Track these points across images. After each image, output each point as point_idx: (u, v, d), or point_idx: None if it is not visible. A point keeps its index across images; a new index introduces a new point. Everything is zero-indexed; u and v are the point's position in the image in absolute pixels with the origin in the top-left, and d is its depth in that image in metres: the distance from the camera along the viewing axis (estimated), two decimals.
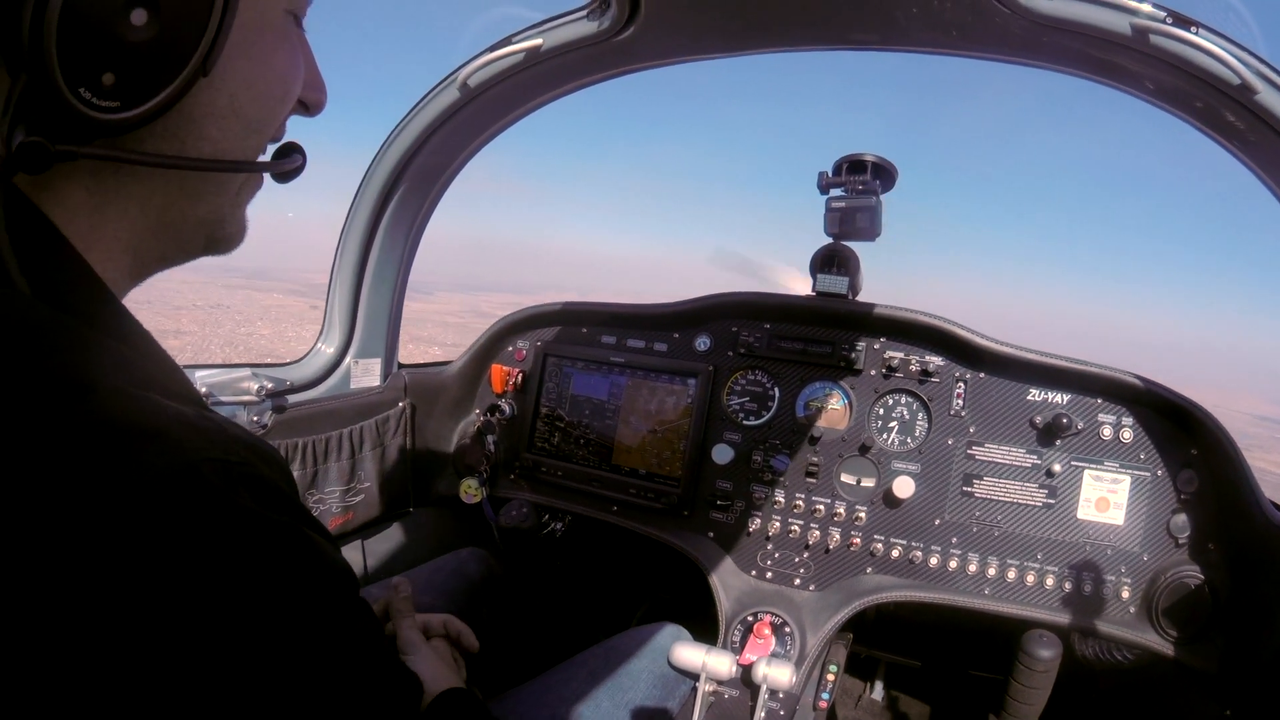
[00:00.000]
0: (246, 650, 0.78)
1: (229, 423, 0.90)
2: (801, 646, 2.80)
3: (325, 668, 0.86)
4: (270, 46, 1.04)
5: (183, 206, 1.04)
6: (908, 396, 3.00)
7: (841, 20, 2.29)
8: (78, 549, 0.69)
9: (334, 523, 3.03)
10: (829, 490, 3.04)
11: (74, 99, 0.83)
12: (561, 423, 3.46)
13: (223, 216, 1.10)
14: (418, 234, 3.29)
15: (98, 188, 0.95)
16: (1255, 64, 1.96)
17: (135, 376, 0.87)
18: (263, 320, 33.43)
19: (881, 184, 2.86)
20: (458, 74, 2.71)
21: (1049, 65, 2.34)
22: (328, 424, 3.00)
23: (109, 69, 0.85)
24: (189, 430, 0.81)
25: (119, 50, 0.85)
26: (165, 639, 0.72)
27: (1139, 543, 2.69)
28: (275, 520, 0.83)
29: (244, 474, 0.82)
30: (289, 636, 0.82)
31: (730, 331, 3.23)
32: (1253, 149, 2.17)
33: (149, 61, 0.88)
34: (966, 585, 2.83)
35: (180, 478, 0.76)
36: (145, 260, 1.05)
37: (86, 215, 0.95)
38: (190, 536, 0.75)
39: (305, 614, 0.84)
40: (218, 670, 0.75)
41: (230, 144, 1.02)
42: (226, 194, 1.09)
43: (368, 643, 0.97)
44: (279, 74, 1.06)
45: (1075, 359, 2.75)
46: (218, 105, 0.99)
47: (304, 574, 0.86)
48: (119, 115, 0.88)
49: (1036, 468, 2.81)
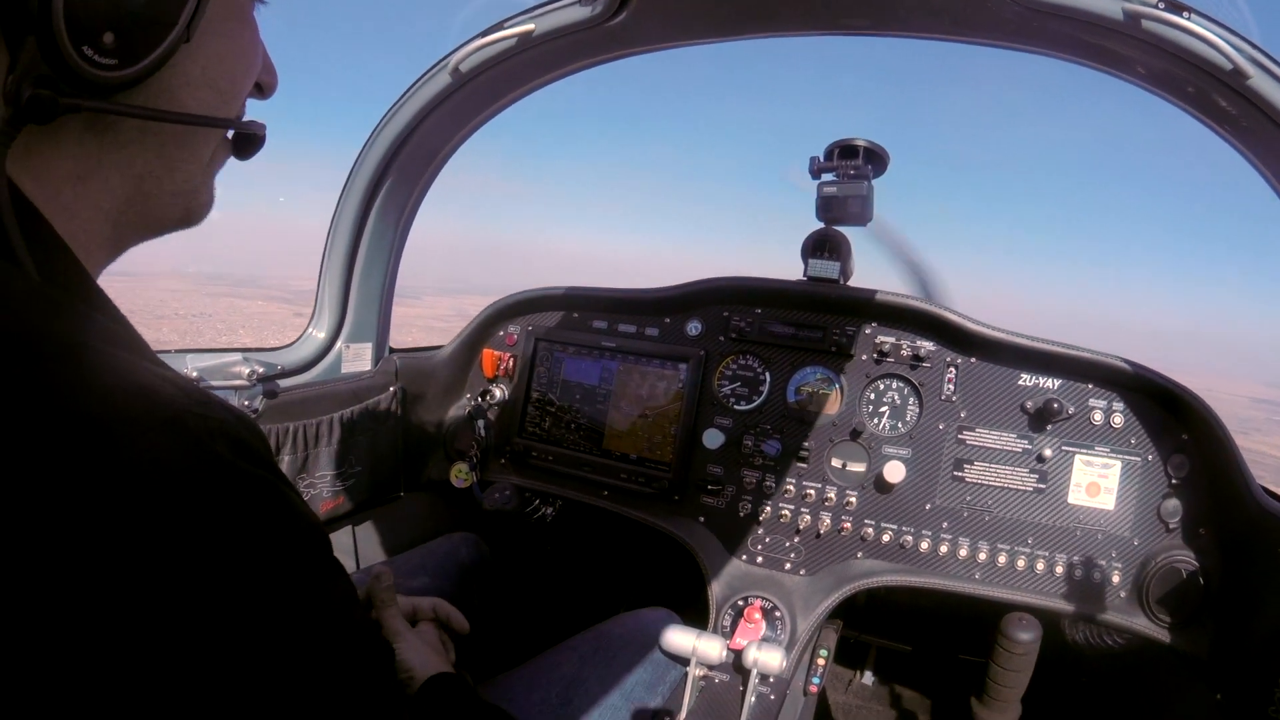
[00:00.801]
0: (220, 598, 0.79)
1: (208, 389, 0.93)
2: (792, 631, 2.80)
3: (296, 620, 0.88)
4: (237, 24, 1.12)
5: (160, 175, 1.09)
6: (899, 381, 3.00)
7: (833, 5, 2.29)
8: (64, 498, 0.72)
9: (325, 507, 3.03)
10: (820, 475, 3.04)
11: (78, 56, 0.89)
12: (553, 407, 3.46)
13: (195, 186, 1.16)
14: (409, 219, 3.28)
15: (83, 156, 1.01)
16: (1247, 49, 1.96)
17: (117, 341, 0.91)
18: (244, 328, 33.36)
19: (873, 169, 2.86)
20: (449, 59, 2.70)
21: (1041, 50, 2.34)
22: (319, 408, 3.00)
23: (109, 29, 0.92)
24: (173, 388, 0.84)
25: (118, 12, 0.92)
26: (142, 583, 0.74)
27: (1130, 528, 2.70)
28: (253, 474, 0.86)
29: (224, 430, 0.85)
30: (262, 586, 0.84)
31: (721, 316, 3.23)
32: (1244, 134, 2.17)
33: (143, 23, 0.95)
34: (957, 570, 2.84)
35: (166, 427, 0.79)
36: (123, 230, 1.11)
37: (71, 184, 1.00)
38: (173, 484, 0.77)
39: (278, 565, 0.87)
40: (191, 616, 0.77)
41: (203, 112, 1.09)
42: (199, 162, 1.14)
43: (338, 600, 0.98)
44: (244, 49, 1.14)
45: (1066, 344, 2.75)
46: (192, 75, 1.05)
47: (279, 526, 0.88)
48: (116, 73, 0.95)
49: (1027, 453, 2.81)
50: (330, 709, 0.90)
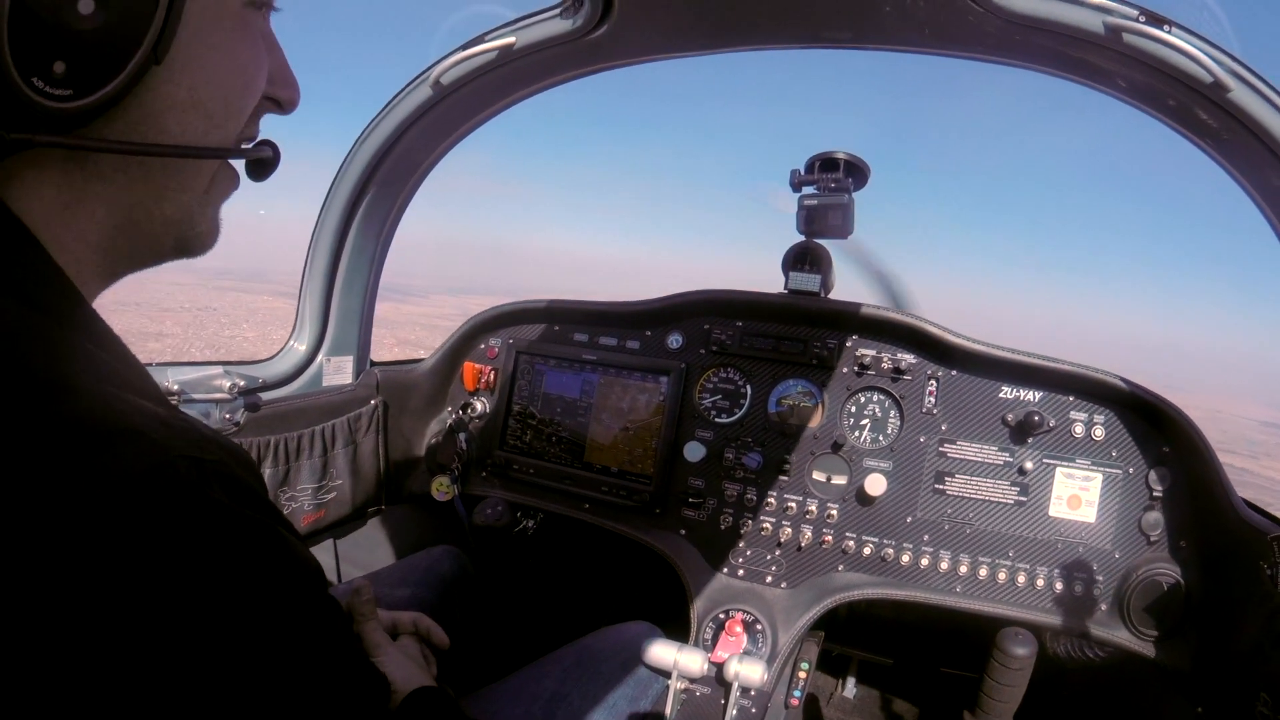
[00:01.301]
0: (216, 643, 0.78)
1: (200, 423, 0.91)
2: (773, 644, 2.80)
3: (293, 664, 0.87)
4: (229, 36, 1.03)
5: (149, 206, 1.03)
6: (880, 394, 3.00)
7: (814, 18, 2.29)
8: (55, 547, 0.70)
9: (306, 520, 3.01)
10: (801, 488, 3.04)
11: (26, 88, 0.83)
12: (534, 420, 3.45)
13: (191, 216, 1.09)
14: (390, 232, 3.27)
15: (66, 185, 0.96)
16: (1228, 62, 1.97)
17: (108, 376, 0.87)
18: (248, 323, 33.18)
19: (854, 182, 2.87)
20: (430, 72, 2.69)
21: (1023, 64, 2.35)
22: (300, 421, 2.98)
23: (59, 57, 0.85)
24: (163, 429, 0.81)
25: (68, 39, 0.85)
26: (138, 632, 0.73)
27: (1111, 540, 2.70)
28: (248, 516, 0.84)
29: (218, 471, 0.83)
30: (258, 631, 0.83)
31: (702, 329, 3.22)
32: (1225, 147, 2.18)
33: (98, 50, 0.88)
34: (938, 583, 2.84)
35: (156, 474, 0.76)
36: (114, 261, 1.05)
37: (57, 214, 0.95)
38: (165, 531, 0.75)
39: (274, 609, 0.85)
40: (188, 663, 0.76)
41: (192, 138, 1.01)
42: (193, 191, 1.08)
43: (335, 641, 0.97)
44: (239, 64, 1.05)
45: (1048, 356, 2.75)
46: (177, 97, 0.98)
47: (274, 570, 0.86)
48: (72, 104, 0.88)
49: (1008, 465, 2.81)
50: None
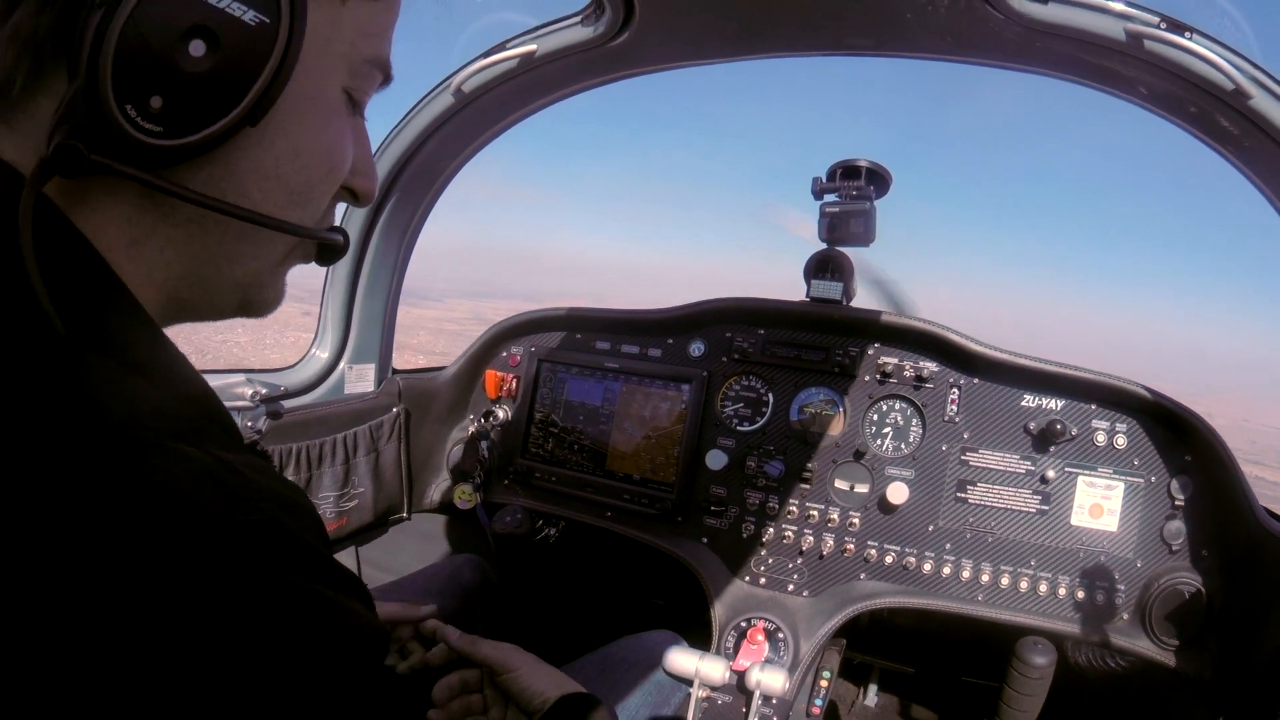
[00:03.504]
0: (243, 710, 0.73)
1: (255, 470, 0.87)
2: (795, 652, 2.79)
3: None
4: (322, 119, 1.02)
5: (219, 264, 1.02)
6: (902, 402, 2.99)
7: (836, 26, 2.30)
8: (95, 624, 0.66)
9: (328, 528, 3.00)
10: (823, 496, 3.03)
11: (118, 113, 0.82)
12: (556, 428, 3.45)
13: (260, 282, 1.09)
14: (412, 239, 3.29)
15: (137, 221, 0.93)
16: (1249, 69, 1.97)
17: (165, 421, 0.83)
18: (243, 328, 33.03)
19: (875, 189, 2.86)
20: (452, 79, 2.71)
21: (1044, 71, 2.35)
22: (321, 430, 2.99)
23: (158, 92, 0.84)
24: (211, 490, 0.77)
25: (171, 76, 0.85)
26: (184, 709, 0.69)
27: (1133, 549, 2.69)
28: (302, 587, 0.80)
29: (267, 532, 0.79)
30: (304, 706, 0.78)
31: (724, 337, 3.22)
32: (1246, 153, 2.18)
33: (199, 95, 0.87)
34: (960, 591, 2.83)
35: (202, 544, 0.73)
36: (178, 308, 1.03)
37: (123, 248, 0.93)
38: (212, 605, 0.72)
39: (321, 685, 0.80)
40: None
41: (270, 209, 1.00)
42: (265, 260, 1.07)
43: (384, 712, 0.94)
44: (327, 148, 1.04)
45: (1069, 365, 2.74)
46: (262, 165, 0.97)
47: (331, 644, 0.82)
48: (160, 141, 0.86)
49: (1030, 474, 2.80)
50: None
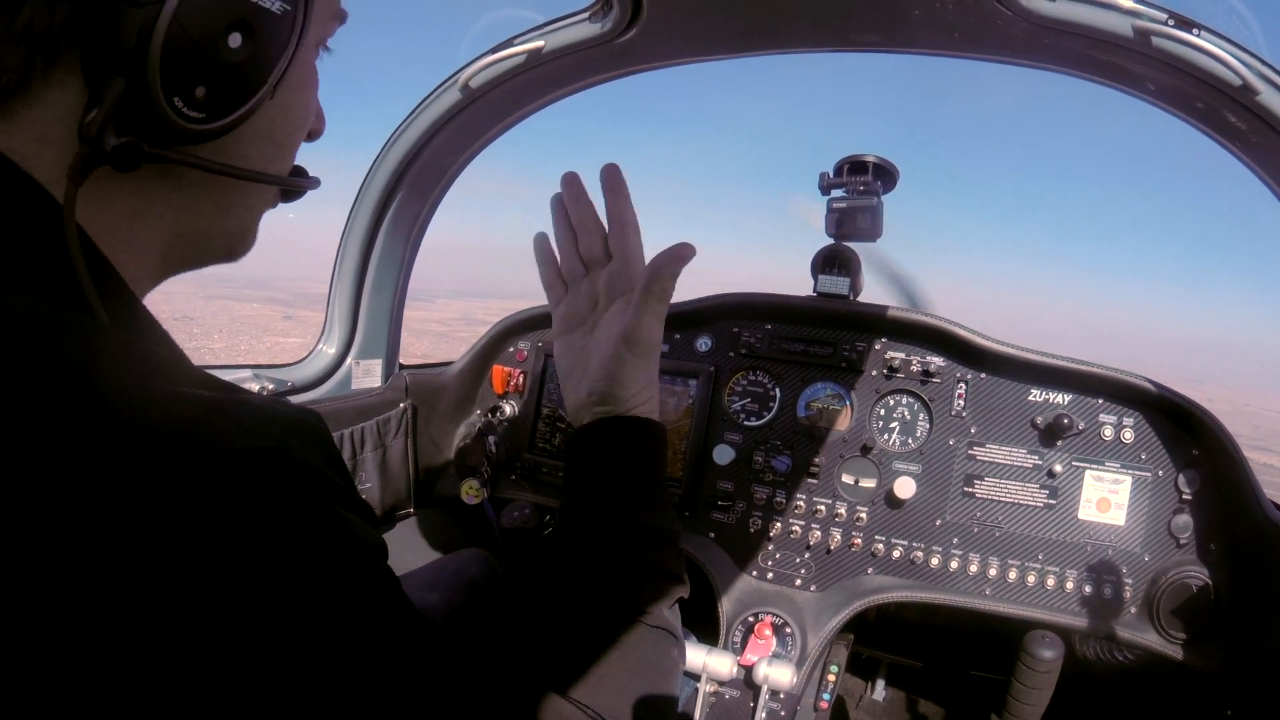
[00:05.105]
0: (280, 638, 0.76)
1: (259, 400, 0.90)
2: (802, 647, 2.80)
3: (354, 653, 0.83)
4: (306, 76, 1.12)
5: (213, 218, 1.10)
6: (909, 397, 3.00)
7: (843, 22, 2.29)
8: (107, 563, 0.68)
9: None
10: (830, 491, 3.04)
11: (168, 107, 0.90)
12: (563, 423, 3.44)
13: (245, 229, 1.17)
14: (419, 235, 3.29)
15: (144, 193, 1.00)
16: (1257, 65, 1.96)
17: (155, 368, 0.87)
18: (220, 334, 32.88)
19: (883, 185, 2.87)
20: (459, 75, 2.70)
21: (1051, 66, 2.34)
22: (329, 425, 2.98)
23: (203, 83, 0.93)
24: (216, 419, 0.80)
25: (215, 67, 0.93)
26: (197, 644, 0.71)
27: (1140, 543, 2.69)
28: (307, 506, 0.82)
29: (276, 459, 0.81)
30: (318, 622, 0.80)
31: (731, 332, 3.22)
32: (1254, 150, 2.17)
33: (235, 80, 0.96)
34: (967, 586, 2.83)
35: (209, 476, 0.74)
36: (171, 263, 1.10)
37: (127, 220, 1.00)
38: (223, 534, 0.73)
39: (334, 601, 0.82)
40: (251, 664, 0.74)
41: (263, 165, 1.09)
42: (253, 210, 1.16)
43: (396, 620, 0.94)
44: (308, 101, 1.14)
45: (1076, 359, 2.75)
46: (259, 129, 1.05)
47: (334, 558, 0.83)
48: (202, 126, 0.95)
49: (1038, 468, 2.81)
50: None
